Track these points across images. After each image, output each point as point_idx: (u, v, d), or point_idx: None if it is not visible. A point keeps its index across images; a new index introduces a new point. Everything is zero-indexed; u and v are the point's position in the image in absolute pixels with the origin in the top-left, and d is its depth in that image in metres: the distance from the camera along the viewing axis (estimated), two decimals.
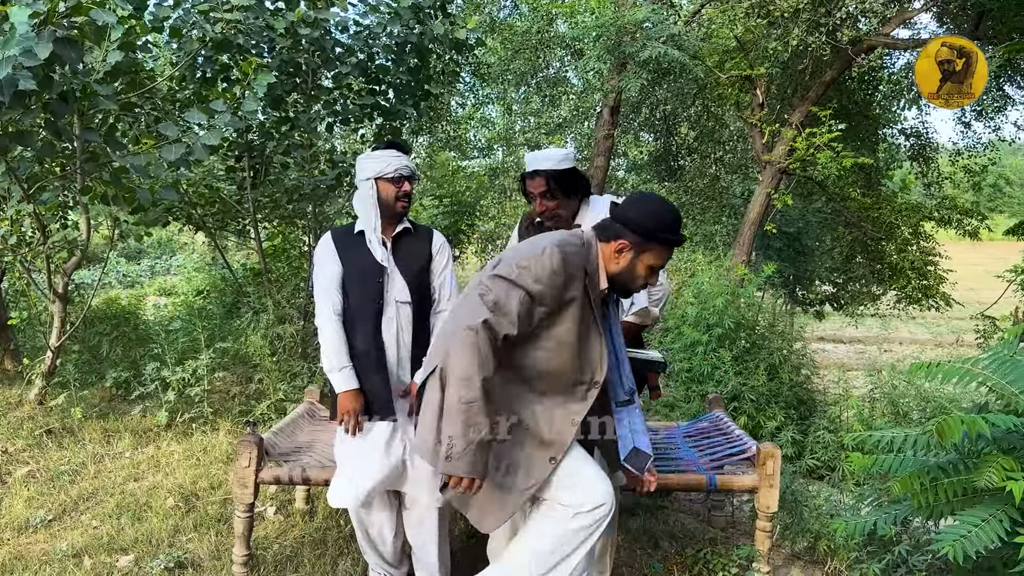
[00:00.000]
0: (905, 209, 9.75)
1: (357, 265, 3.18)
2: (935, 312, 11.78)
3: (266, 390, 5.83)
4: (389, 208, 3.18)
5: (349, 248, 3.21)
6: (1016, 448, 3.05)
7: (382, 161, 3.13)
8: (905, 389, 5.94)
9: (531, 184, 3.12)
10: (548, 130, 18.64)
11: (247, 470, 3.26)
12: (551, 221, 3.15)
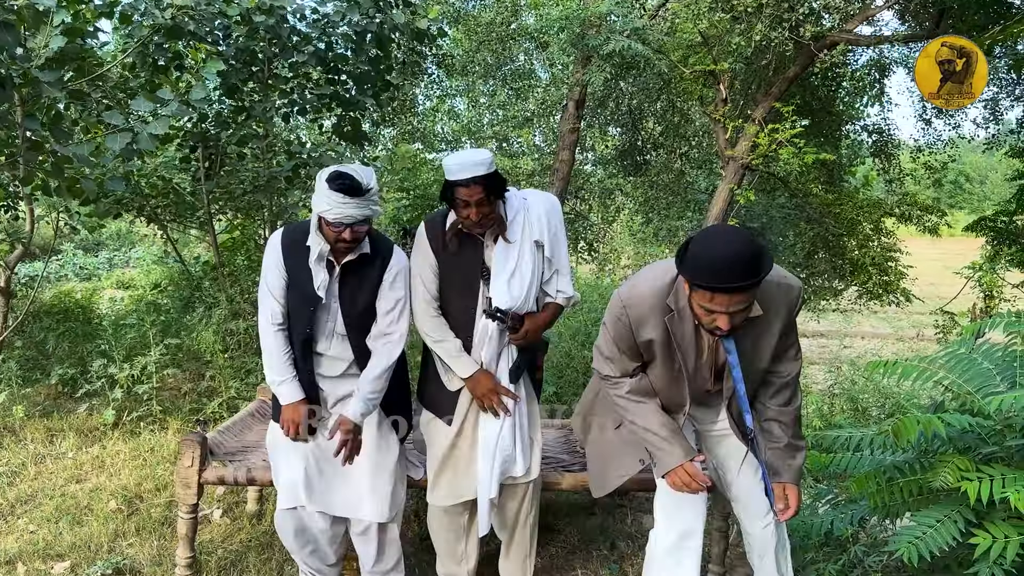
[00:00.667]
0: (866, 205, 9.80)
1: (297, 283, 2.97)
2: (896, 307, 11.90)
3: (218, 387, 5.68)
4: (329, 244, 2.91)
5: (295, 257, 2.96)
6: (971, 448, 3.02)
7: (325, 203, 2.76)
8: (864, 385, 5.96)
9: (465, 193, 2.81)
10: (516, 123, 18.56)
11: (190, 470, 3.14)
12: (480, 228, 2.91)
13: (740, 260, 2.24)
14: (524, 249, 2.98)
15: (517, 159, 20.13)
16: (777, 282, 2.53)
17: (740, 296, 2.29)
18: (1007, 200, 9.41)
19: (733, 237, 2.31)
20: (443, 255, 3.00)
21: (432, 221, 3.05)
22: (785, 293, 2.57)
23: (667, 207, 10.99)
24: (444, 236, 2.98)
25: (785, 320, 2.61)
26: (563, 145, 9.44)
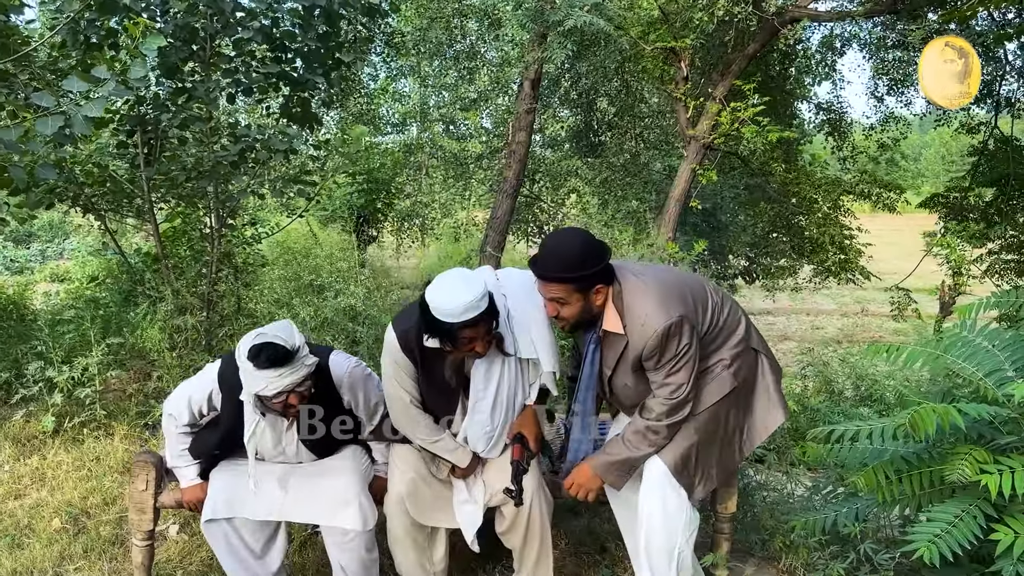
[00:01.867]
0: (824, 184, 9.78)
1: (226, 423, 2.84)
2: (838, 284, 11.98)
3: (166, 388, 5.30)
4: (277, 415, 2.79)
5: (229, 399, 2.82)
6: (985, 437, 2.89)
7: (259, 382, 2.60)
8: (839, 367, 5.88)
9: (473, 332, 2.59)
10: (463, 105, 18.19)
11: (144, 494, 2.83)
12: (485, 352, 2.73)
13: (557, 253, 2.61)
14: (507, 367, 2.83)
15: (465, 142, 19.80)
16: (643, 316, 2.63)
17: (553, 287, 2.62)
18: (960, 176, 9.47)
19: (564, 236, 2.70)
20: (421, 365, 2.81)
21: (405, 333, 2.76)
22: (642, 331, 2.64)
23: (624, 189, 10.82)
24: (421, 353, 2.76)
25: (638, 352, 2.68)
26: (519, 126, 9.17)
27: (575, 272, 2.58)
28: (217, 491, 2.82)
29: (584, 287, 2.63)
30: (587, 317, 2.71)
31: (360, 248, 9.41)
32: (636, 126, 11.32)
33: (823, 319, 23.98)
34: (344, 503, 2.84)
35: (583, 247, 2.62)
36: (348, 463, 2.98)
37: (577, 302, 2.64)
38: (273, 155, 6.12)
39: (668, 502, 2.73)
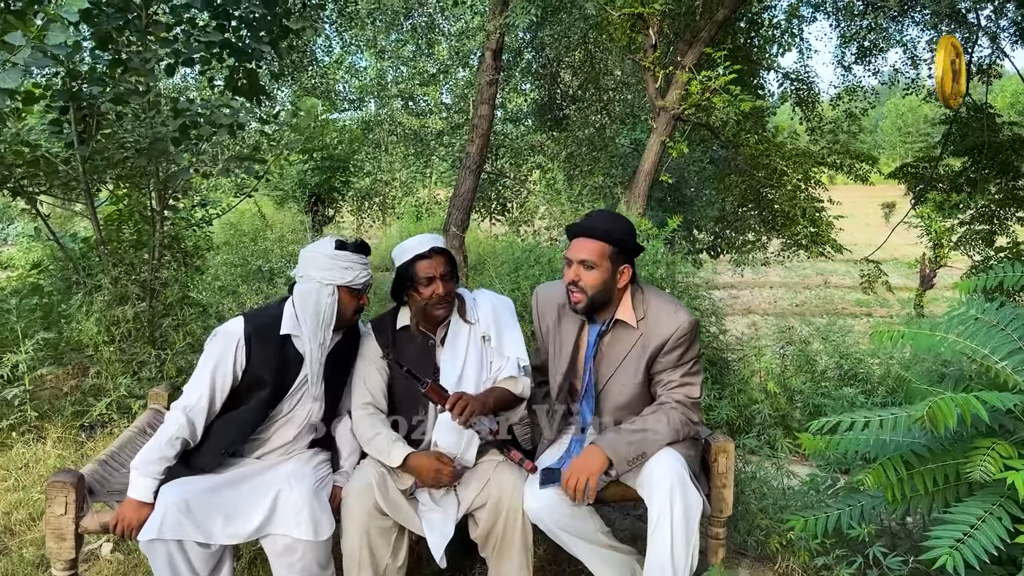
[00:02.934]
0: (795, 155, 9.56)
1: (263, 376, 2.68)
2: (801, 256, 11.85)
3: (105, 385, 4.89)
4: (346, 320, 2.78)
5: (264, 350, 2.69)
6: (1007, 429, 2.64)
7: (350, 270, 2.70)
8: (820, 346, 5.65)
9: (429, 266, 2.71)
10: (422, 80, 17.71)
11: (63, 519, 2.46)
12: (445, 307, 2.79)
13: (604, 216, 2.73)
14: (472, 344, 2.85)
15: (425, 118, 19.33)
16: (673, 309, 2.70)
17: (589, 244, 2.65)
18: (924, 147, 9.30)
19: (614, 213, 2.81)
20: (392, 352, 2.82)
21: (380, 323, 2.91)
22: (669, 321, 2.67)
23: (591, 164, 10.50)
24: (393, 339, 2.85)
25: (657, 346, 2.67)
26: (481, 99, 8.78)
27: (619, 235, 2.66)
28: (169, 506, 2.42)
29: (618, 256, 2.68)
30: (604, 297, 2.69)
31: (315, 229, 8.97)
32: (601, 99, 10.97)
33: (784, 291, 24.10)
34: (292, 511, 2.50)
35: (628, 221, 2.76)
36: (297, 467, 2.67)
37: (604, 272, 2.65)
38: (218, 131, 5.69)
39: (688, 498, 2.47)
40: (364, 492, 2.59)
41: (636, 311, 2.70)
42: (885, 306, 19.46)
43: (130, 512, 2.47)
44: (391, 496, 2.62)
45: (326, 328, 2.69)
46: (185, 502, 2.42)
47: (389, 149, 17.16)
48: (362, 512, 2.57)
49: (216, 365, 2.63)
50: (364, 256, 2.76)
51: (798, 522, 2.93)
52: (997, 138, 8.42)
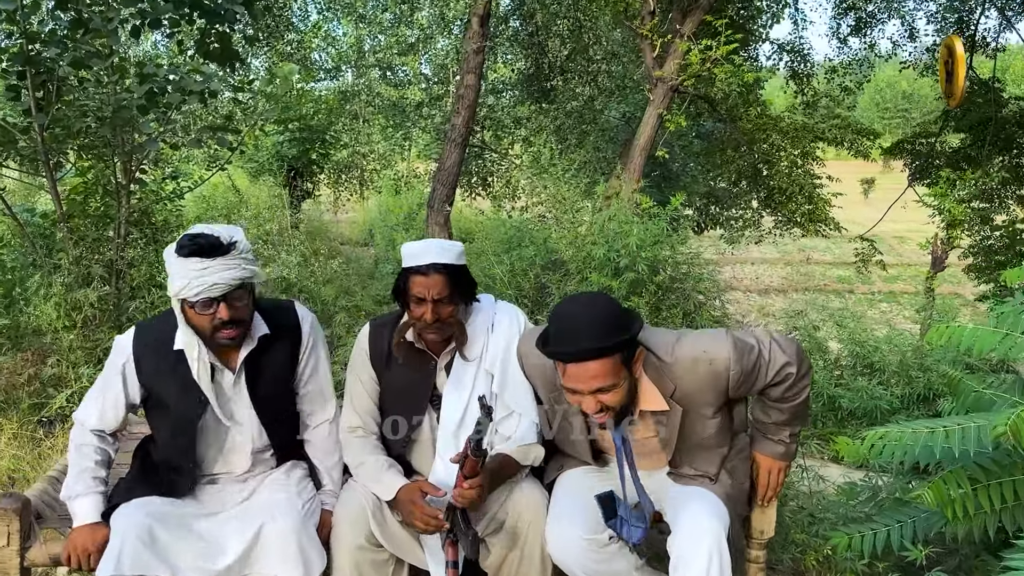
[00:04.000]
0: (792, 130, 9.24)
1: (165, 397, 2.26)
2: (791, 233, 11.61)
3: (64, 375, 4.49)
4: (207, 340, 2.19)
5: (158, 367, 2.26)
6: None
7: (181, 278, 2.09)
8: (829, 331, 5.38)
9: (422, 284, 2.22)
10: (401, 49, 17.18)
11: (6, 551, 2.10)
12: (435, 333, 2.29)
13: (587, 320, 2.03)
14: (479, 381, 2.38)
15: (404, 89, 18.82)
16: (694, 358, 2.15)
17: (594, 367, 2.01)
18: (929, 122, 9.04)
19: (586, 300, 2.17)
20: (385, 372, 2.41)
21: (378, 329, 2.46)
22: (719, 358, 2.14)
23: (579, 137, 10.13)
24: (389, 351, 2.40)
25: (717, 398, 2.20)
26: (467, 68, 8.35)
27: (617, 336, 2.03)
28: (128, 535, 2.05)
29: (628, 356, 2.10)
30: (631, 399, 2.17)
31: (294, 205, 8.55)
32: (589, 70, 10.57)
33: (765, 267, 23.98)
34: (277, 547, 2.15)
35: (609, 305, 2.12)
36: (283, 495, 2.28)
37: (624, 380, 2.09)
38: (188, 98, 5.25)
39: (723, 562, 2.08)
40: (356, 520, 2.25)
41: (662, 387, 2.18)
42: (867, 283, 19.37)
43: (81, 539, 2.11)
44: (388, 524, 2.28)
45: (198, 346, 2.20)
46: (148, 530, 2.06)
47: (367, 120, 16.67)
48: (353, 544, 2.24)
49: (105, 384, 2.28)
50: (198, 259, 2.07)
51: (841, 539, 2.63)
52: (1002, 113, 8.16)
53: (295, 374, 2.38)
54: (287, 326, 2.34)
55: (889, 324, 8.40)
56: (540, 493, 2.34)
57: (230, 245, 2.11)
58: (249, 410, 2.30)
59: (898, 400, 4.45)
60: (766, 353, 2.18)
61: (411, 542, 2.30)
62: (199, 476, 2.33)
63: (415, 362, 2.38)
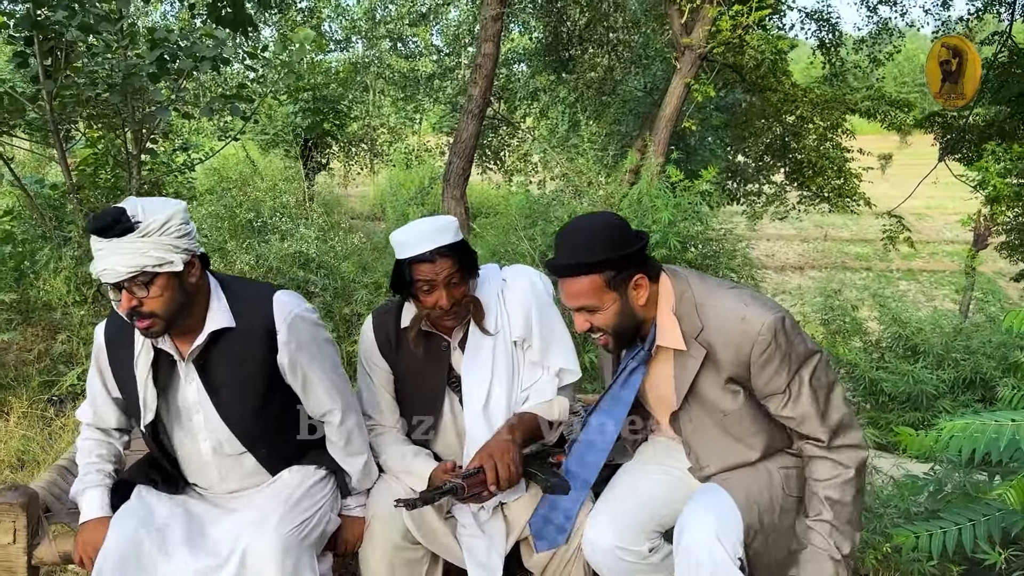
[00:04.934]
0: (822, 102, 8.94)
1: (126, 392, 2.05)
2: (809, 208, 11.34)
3: (76, 352, 4.33)
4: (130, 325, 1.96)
5: (122, 356, 2.04)
6: None
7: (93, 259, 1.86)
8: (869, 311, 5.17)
9: (430, 271, 2.06)
10: (412, 19, 16.88)
11: (12, 549, 1.94)
12: (453, 318, 2.15)
13: (574, 236, 1.99)
14: (499, 352, 2.23)
15: (415, 60, 18.54)
16: (732, 308, 1.97)
17: (575, 284, 1.96)
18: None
19: (589, 216, 2.14)
20: (397, 360, 2.27)
21: (381, 317, 2.31)
22: (736, 335, 1.95)
23: (599, 109, 9.86)
24: (397, 338, 2.25)
25: (736, 367, 1.99)
26: (485, 36, 8.07)
27: (601, 253, 1.93)
28: (110, 546, 1.87)
29: (617, 277, 1.96)
30: (632, 325, 2.04)
31: (308, 178, 8.35)
32: (610, 38, 10.27)
33: (782, 244, 23.70)
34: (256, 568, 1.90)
35: (606, 223, 2.01)
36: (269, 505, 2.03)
37: (612, 303, 1.98)
38: (199, 65, 5.04)
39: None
40: (390, 518, 2.08)
41: (685, 326, 2.00)
42: (885, 260, 19.08)
43: (85, 537, 1.94)
44: (426, 519, 2.11)
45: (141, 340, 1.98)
46: (136, 544, 1.88)
47: (379, 92, 16.42)
48: (387, 541, 2.08)
49: (90, 380, 2.13)
50: (98, 239, 1.82)
51: (907, 538, 2.44)
52: None
53: (275, 376, 2.06)
54: (257, 322, 2.01)
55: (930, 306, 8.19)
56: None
57: (130, 226, 1.80)
58: (206, 412, 2.03)
59: (944, 384, 4.23)
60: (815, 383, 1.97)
61: (449, 538, 2.13)
62: (182, 480, 2.13)
63: (427, 346, 2.24)
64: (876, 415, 4.42)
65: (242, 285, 2.11)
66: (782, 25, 10.04)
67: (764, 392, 2.00)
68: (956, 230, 20.68)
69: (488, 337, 2.22)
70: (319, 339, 2.10)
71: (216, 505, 2.09)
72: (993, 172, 5.87)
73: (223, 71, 6.44)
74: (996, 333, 4.65)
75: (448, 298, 2.08)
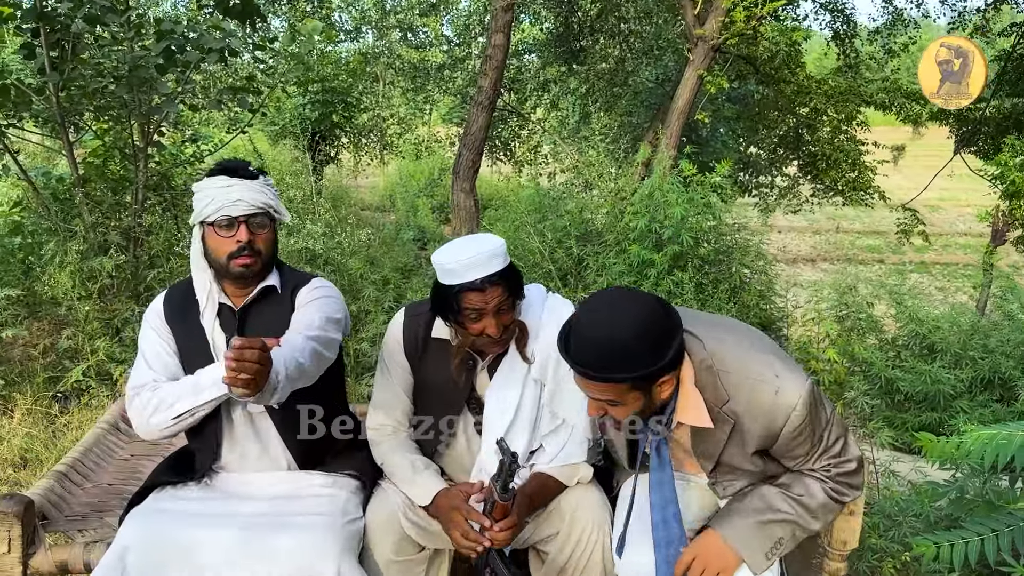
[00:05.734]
0: (836, 94, 8.81)
1: (189, 352, 2.11)
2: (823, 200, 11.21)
3: (81, 347, 4.29)
4: (222, 269, 2.06)
5: (183, 320, 2.13)
6: None
7: (205, 199, 2.03)
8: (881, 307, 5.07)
9: (479, 300, 1.93)
10: (422, 9, 16.80)
11: (7, 559, 1.89)
12: (501, 344, 2.04)
13: (603, 341, 1.69)
14: (527, 390, 2.11)
15: (425, 51, 18.47)
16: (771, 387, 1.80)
17: (598, 386, 1.73)
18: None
19: (616, 314, 1.72)
20: (419, 366, 2.17)
21: (413, 318, 2.19)
22: (769, 409, 1.80)
23: (610, 100, 9.75)
24: (424, 344, 2.15)
25: (764, 434, 1.84)
26: (496, 27, 7.98)
27: (630, 370, 1.69)
28: (127, 544, 1.85)
29: (645, 385, 1.75)
30: (647, 416, 1.85)
31: (317, 171, 8.28)
32: (621, 29, 10.15)
33: (793, 236, 23.53)
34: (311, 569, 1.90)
35: (641, 329, 1.70)
36: (323, 509, 2.04)
37: (634, 401, 1.77)
38: (207, 56, 4.98)
39: None
40: (387, 524, 2.04)
41: (709, 397, 1.83)
42: (898, 253, 18.93)
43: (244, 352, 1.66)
44: (424, 522, 2.06)
45: (210, 283, 2.09)
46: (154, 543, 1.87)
47: (389, 83, 16.36)
48: (387, 549, 2.03)
49: (143, 345, 2.13)
50: (225, 177, 2.03)
51: (927, 548, 2.37)
52: None
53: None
54: (295, 291, 2.17)
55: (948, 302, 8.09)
56: (600, 500, 2.10)
57: (257, 171, 2.11)
58: None
59: (962, 384, 4.14)
60: (834, 441, 1.89)
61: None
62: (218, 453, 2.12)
63: (454, 359, 2.10)
64: (892, 415, 4.34)
65: (290, 267, 2.28)
66: (796, 16, 9.88)
67: (784, 456, 1.91)
68: (969, 222, 20.47)
69: (519, 368, 2.10)
70: (332, 297, 2.16)
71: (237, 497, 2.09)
72: (1012, 166, 5.75)
73: (231, 63, 6.38)
74: (1015, 331, 4.56)
75: (497, 327, 1.97)
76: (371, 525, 2.06)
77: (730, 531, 1.87)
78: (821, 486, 1.89)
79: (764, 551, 1.86)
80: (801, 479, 1.91)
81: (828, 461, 1.88)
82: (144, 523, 1.90)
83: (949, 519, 2.62)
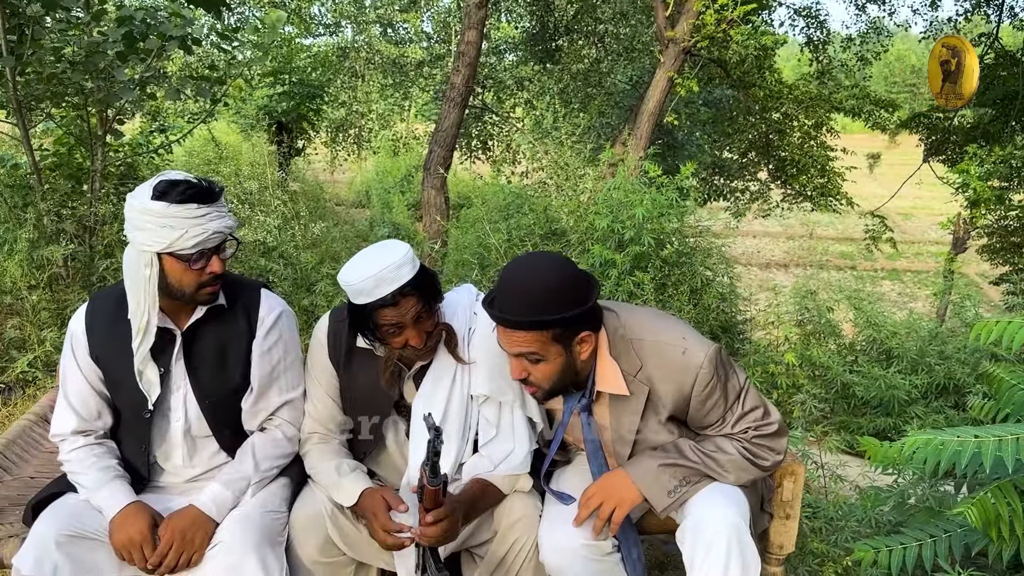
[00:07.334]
0: (807, 99, 8.86)
1: (116, 375, 2.00)
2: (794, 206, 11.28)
3: (27, 338, 4.20)
4: (184, 297, 1.95)
5: (109, 339, 1.99)
6: None
7: (171, 229, 1.84)
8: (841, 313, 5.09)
9: (395, 314, 1.89)
10: (402, 5, 16.70)
11: None
12: (428, 352, 2.02)
13: (524, 286, 1.82)
14: (457, 387, 2.06)
15: (404, 47, 18.38)
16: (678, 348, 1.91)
17: (518, 336, 1.82)
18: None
19: (536, 264, 1.89)
20: (344, 374, 2.11)
21: (337, 324, 2.12)
22: (679, 372, 1.90)
23: (583, 100, 9.74)
24: (348, 352, 2.09)
25: (674, 402, 1.93)
26: (469, 23, 7.93)
27: (554, 313, 1.80)
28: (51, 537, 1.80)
29: (566, 334, 1.85)
30: (568, 380, 1.93)
31: (283, 163, 8.19)
32: (597, 30, 10.15)
33: (767, 241, 23.68)
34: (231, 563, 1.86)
35: (561, 274, 1.85)
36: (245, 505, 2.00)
37: (556, 357, 1.86)
38: (167, 44, 4.90)
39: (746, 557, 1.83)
40: (312, 523, 2.00)
41: (624, 365, 1.92)
42: (869, 259, 19.10)
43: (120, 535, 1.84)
44: (347, 529, 2.02)
45: (149, 311, 1.92)
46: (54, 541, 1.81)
47: (366, 79, 16.25)
48: (311, 549, 1.99)
49: (63, 378, 2.03)
50: (199, 206, 1.85)
51: (866, 553, 2.36)
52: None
53: (248, 363, 2.06)
54: (243, 309, 2.07)
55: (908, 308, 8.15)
56: (532, 502, 2.07)
57: (220, 191, 1.96)
58: (185, 390, 2.02)
59: (917, 390, 4.16)
60: (743, 394, 1.94)
61: (374, 545, 2.03)
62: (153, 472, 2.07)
63: (379, 369, 2.06)
64: (847, 419, 4.35)
65: (232, 276, 2.14)
66: (771, 21, 9.93)
67: (700, 425, 1.97)
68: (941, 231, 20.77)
69: (445, 376, 2.06)
70: (296, 337, 2.16)
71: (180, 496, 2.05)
72: (974, 175, 5.80)
73: (196, 51, 6.29)
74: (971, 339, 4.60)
75: (419, 336, 1.93)
76: (295, 524, 2.01)
77: (636, 470, 1.92)
78: (735, 445, 1.92)
79: (667, 489, 1.89)
80: (715, 439, 1.95)
81: (748, 424, 1.93)
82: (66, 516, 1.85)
83: (892, 524, 2.61)
